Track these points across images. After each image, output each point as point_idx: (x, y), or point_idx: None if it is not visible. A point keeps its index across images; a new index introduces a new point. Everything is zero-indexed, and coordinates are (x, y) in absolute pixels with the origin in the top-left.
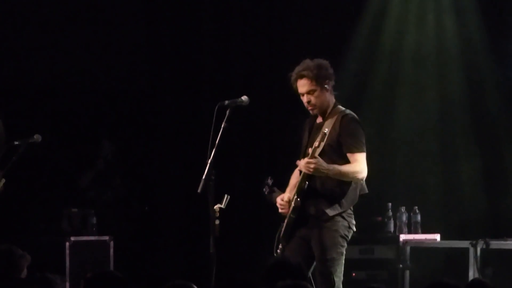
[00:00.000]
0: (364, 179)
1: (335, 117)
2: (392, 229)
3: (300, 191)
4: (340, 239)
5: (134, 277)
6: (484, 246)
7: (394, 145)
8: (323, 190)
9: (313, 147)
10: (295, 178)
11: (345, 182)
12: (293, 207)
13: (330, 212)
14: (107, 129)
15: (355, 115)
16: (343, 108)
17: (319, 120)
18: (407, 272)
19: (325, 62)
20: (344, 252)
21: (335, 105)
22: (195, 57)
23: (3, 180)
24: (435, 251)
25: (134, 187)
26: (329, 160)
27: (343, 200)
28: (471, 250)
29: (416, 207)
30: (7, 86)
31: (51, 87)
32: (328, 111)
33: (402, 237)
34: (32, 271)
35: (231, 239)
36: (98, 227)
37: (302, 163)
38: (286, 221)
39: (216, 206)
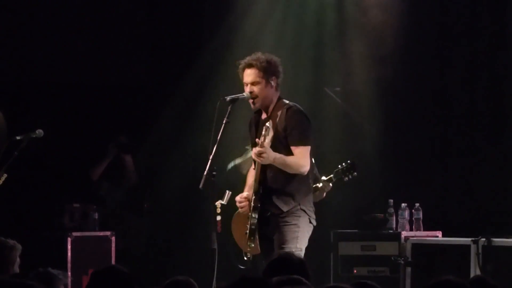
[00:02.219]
0: (307, 172)
1: (280, 111)
2: (393, 226)
3: (256, 190)
4: (300, 234)
5: (135, 273)
6: (486, 243)
7: (395, 142)
8: (275, 187)
9: (260, 141)
10: (251, 177)
11: (295, 177)
12: (253, 207)
13: (285, 207)
14: (109, 124)
15: (300, 107)
16: (287, 101)
17: (264, 116)
18: (409, 269)
19: (276, 59)
20: (304, 248)
21: (279, 100)
22: (197, 52)
23: (5, 175)
24: (436, 248)
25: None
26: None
27: (295, 194)
28: (473, 247)
29: (418, 204)
30: (9, 81)
31: (53, 82)
32: (272, 106)
33: (404, 234)
34: (34, 266)
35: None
36: (100, 222)
37: (253, 152)
38: (249, 222)
39: (218, 202)
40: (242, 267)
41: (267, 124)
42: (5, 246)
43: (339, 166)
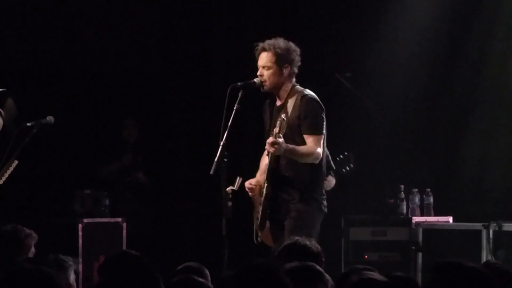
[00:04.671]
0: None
1: (294, 99)
2: (404, 211)
3: (269, 177)
4: (311, 220)
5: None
6: (497, 228)
7: (406, 127)
8: (288, 175)
9: (274, 132)
10: (264, 161)
11: (308, 165)
12: (265, 194)
13: (297, 194)
14: (120, 110)
15: (314, 96)
16: (302, 89)
17: (278, 102)
18: (420, 254)
19: (295, 48)
20: (314, 235)
21: (293, 87)
22: (208, 38)
23: (16, 162)
24: (447, 233)
25: (146, 169)
26: (293, 142)
27: (308, 182)
28: (484, 232)
29: (429, 189)
30: (20, 68)
31: (63, 68)
32: (286, 93)
33: (415, 219)
34: (45, 252)
35: (244, 221)
36: (111, 208)
37: (267, 142)
38: (261, 208)
39: (229, 188)
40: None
41: (283, 116)
42: (21, 233)
43: (337, 158)
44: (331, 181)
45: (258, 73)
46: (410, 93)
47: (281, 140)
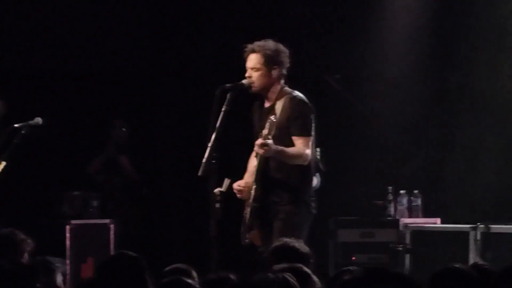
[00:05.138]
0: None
1: (283, 100)
2: (392, 213)
3: (258, 179)
4: (299, 222)
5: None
6: (485, 230)
7: (394, 128)
8: (277, 177)
9: (263, 134)
10: (252, 163)
11: (297, 167)
12: (254, 196)
13: (286, 196)
14: (108, 111)
15: (303, 97)
16: (291, 90)
17: (267, 104)
18: (408, 256)
19: (284, 49)
20: (303, 236)
21: (282, 88)
22: (197, 39)
23: (4, 163)
24: (435, 234)
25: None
26: (282, 144)
27: (297, 183)
28: (472, 234)
29: (417, 191)
30: (8, 70)
31: (51, 70)
32: (275, 95)
33: (403, 220)
34: (32, 254)
35: (232, 222)
36: (99, 210)
37: (256, 144)
38: (249, 210)
39: (217, 190)
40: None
41: (272, 117)
42: (17, 237)
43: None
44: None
45: (247, 75)
46: (399, 96)
47: (270, 141)
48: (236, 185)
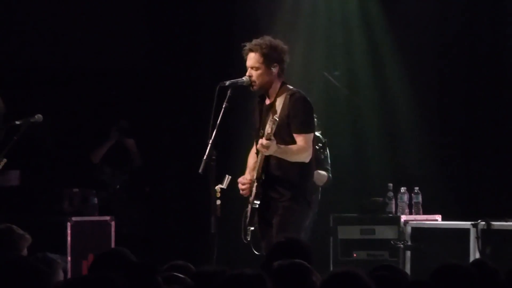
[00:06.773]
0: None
1: (283, 97)
2: (393, 210)
3: (259, 176)
4: (299, 219)
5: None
6: (485, 227)
7: (394, 126)
8: (278, 174)
9: (266, 132)
10: (252, 159)
11: (297, 164)
12: (255, 193)
13: (286, 193)
14: (108, 108)
15: (303, 94)
16: (291, 87)
17: (267, 101)
18: (408, 253)
19: (282, 45)
20: (303, 233)
21: (282, 85)
22: (196, 36)
23: (4, 160)
24: (436, 231)
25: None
26: (282, 141)
27: (298, 180)
28: (472, 230)
29: (417, 188)
30: (9, 66)
31: (52, 67)
32: (275, 92)
33: (403, 217)
34: (33, 251)
35: (232, 219)
36: (100, 207)
37: (259, 143)
38: (250, 207)
39: (217, 187)
40: (257, 253)
41: (275, 117)
42: (15, 233)
43: (316, 147)
44: (322, 176)
45: (247, 74)
46: (398, 92)
47: (272, 141)
48: (241, 180)
